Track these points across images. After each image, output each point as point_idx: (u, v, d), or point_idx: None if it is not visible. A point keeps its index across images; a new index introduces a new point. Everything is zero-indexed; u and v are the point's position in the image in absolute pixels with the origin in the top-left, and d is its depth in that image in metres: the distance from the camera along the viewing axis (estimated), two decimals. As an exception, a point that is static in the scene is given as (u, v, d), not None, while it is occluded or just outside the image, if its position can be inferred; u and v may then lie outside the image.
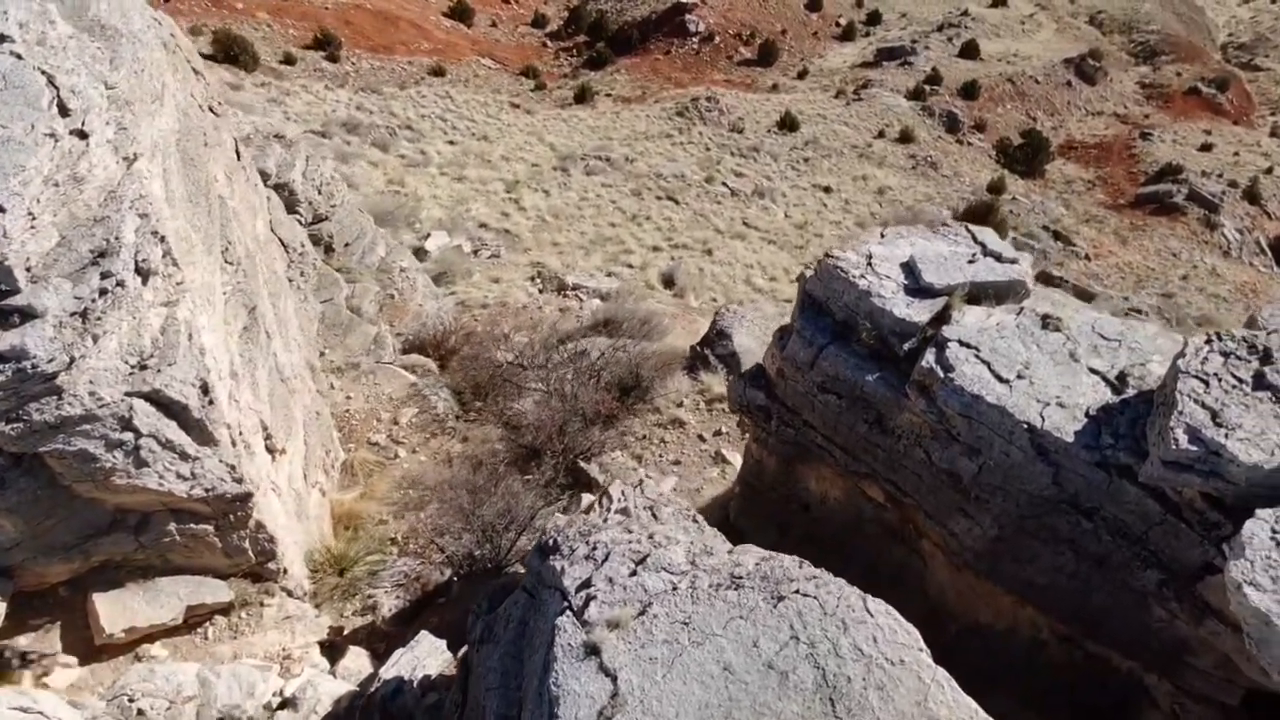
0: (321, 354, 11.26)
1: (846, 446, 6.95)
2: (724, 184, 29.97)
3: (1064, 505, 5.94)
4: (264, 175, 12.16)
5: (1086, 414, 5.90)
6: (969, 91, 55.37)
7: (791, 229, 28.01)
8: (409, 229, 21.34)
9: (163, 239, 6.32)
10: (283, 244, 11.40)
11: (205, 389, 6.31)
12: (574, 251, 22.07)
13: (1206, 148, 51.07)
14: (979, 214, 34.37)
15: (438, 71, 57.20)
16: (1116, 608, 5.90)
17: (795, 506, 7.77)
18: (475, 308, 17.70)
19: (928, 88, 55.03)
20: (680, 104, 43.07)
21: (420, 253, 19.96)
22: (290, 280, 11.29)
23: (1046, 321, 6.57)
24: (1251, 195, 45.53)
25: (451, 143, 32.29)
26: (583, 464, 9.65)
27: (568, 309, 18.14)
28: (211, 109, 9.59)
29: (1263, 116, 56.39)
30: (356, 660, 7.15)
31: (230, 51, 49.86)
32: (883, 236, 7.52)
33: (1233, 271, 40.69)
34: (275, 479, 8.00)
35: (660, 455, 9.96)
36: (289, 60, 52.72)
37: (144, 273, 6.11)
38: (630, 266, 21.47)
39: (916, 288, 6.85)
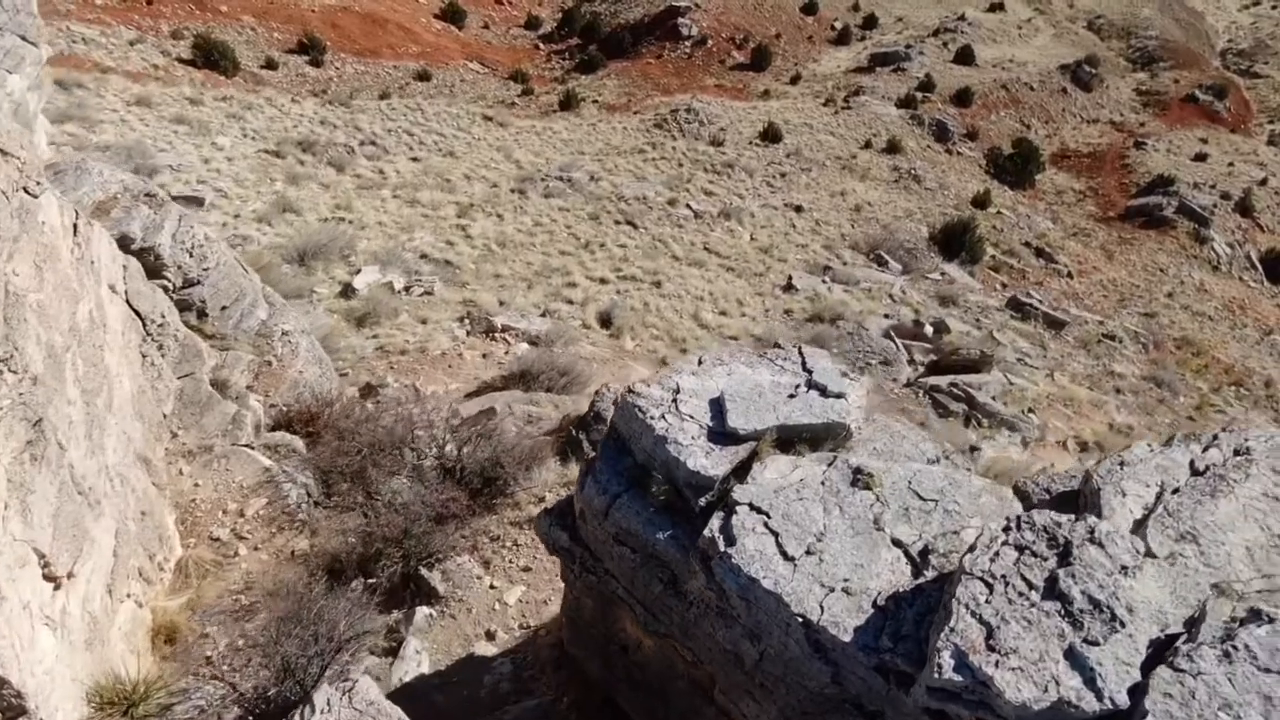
0: (174, 435, 10.62)
1: (645, 603, 6.29)
2: (688, 205, 29.22)
3: (848, 705, 5.27)
4: (127, 240, 11.48)
5: (874, 603, 5.21)
6: (962, 98, 54.49)
7: (754, 254, 27.25)
8: (342, 262, 20.73)
9: None
10: (140, 316, 10.76)
11: (-90, 552, 5.68)
12: (516, 285, 21.40)
13: (1201, 157, 50.06)
14: (955, 232, 33.62)
15: (423, 76, 56.63)
16: (908, 823, 5.23)
17: (615, 647, 7.12)
18: (395, 354, 17.09)
19: (920, 95, 54.17)
20: (659, 115, 42.35)
21: (349, 290, 19.37)
22: (145, 356, 10.64)
23: (858, 477, 5.87)
24: (1244, 207, 44.56)
25: (415, 159, 31.64)
26: (425, 571, 8.99)
27: (491, 354, 17.49)
28: (26, 190, 8.93)
29: (1260, 124, 55.29)
30: (113, 828, 6.52)
31: (210, 56, 49.42)
32: (700, 364, 6.81)
33: (1221, 287, 39.79)
34: (55, 610, 7.36)
35: (511, 560, 9.28)
36: (271, 65, 52.23)
37: None
38: (571, 302, 20.78)
39: (721, 431, 6.17)
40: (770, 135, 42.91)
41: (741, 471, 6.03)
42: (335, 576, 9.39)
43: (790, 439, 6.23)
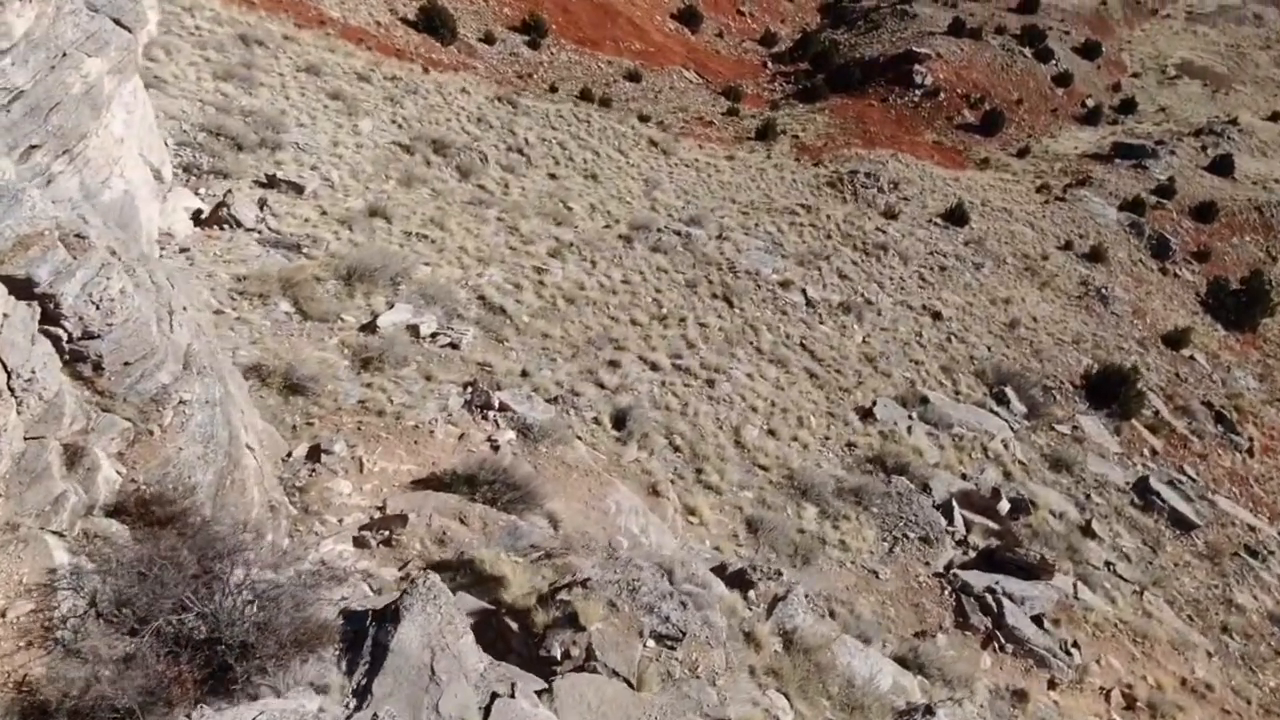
0: (-10, 503, 10.13)
1: None
2: (804, 290, 26.97)
3: None
4: (31, 283, 11.06)
5: None
6: (1203, 213, 48.71)
7: (855, 362, 24.80)
8: (389, 289, 20.15)
9: None
10: (5, 369, 10.33)
11: None
12: (559, 352, 20.18)
13: None
14: (1111, 380, 29.66)
15: (633, 76, 56.35)
16: None
17: None
18: (371, 413, 16.31)
19: (1153, 199, 48.84)
20: (838, 172, 39.86)
21: (373, 324, 18.79)
22: (-12, 411, 10.22)
23: None
24: None
25: (553, 176, 30.94)
26: (105, 764, 8.01)
27: (469, 436, 16.37)
28: None
29: None
30: None
31: (431, 22, 50.96)
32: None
33: None
34: None
35: (202, 775, 8.16)
36: (488, 39, 53.27)
37: None
38: (602, 387, 19.32)
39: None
40: (955, 216, 39.60)
41: None
42: (41, 723, 8.59)
43: None
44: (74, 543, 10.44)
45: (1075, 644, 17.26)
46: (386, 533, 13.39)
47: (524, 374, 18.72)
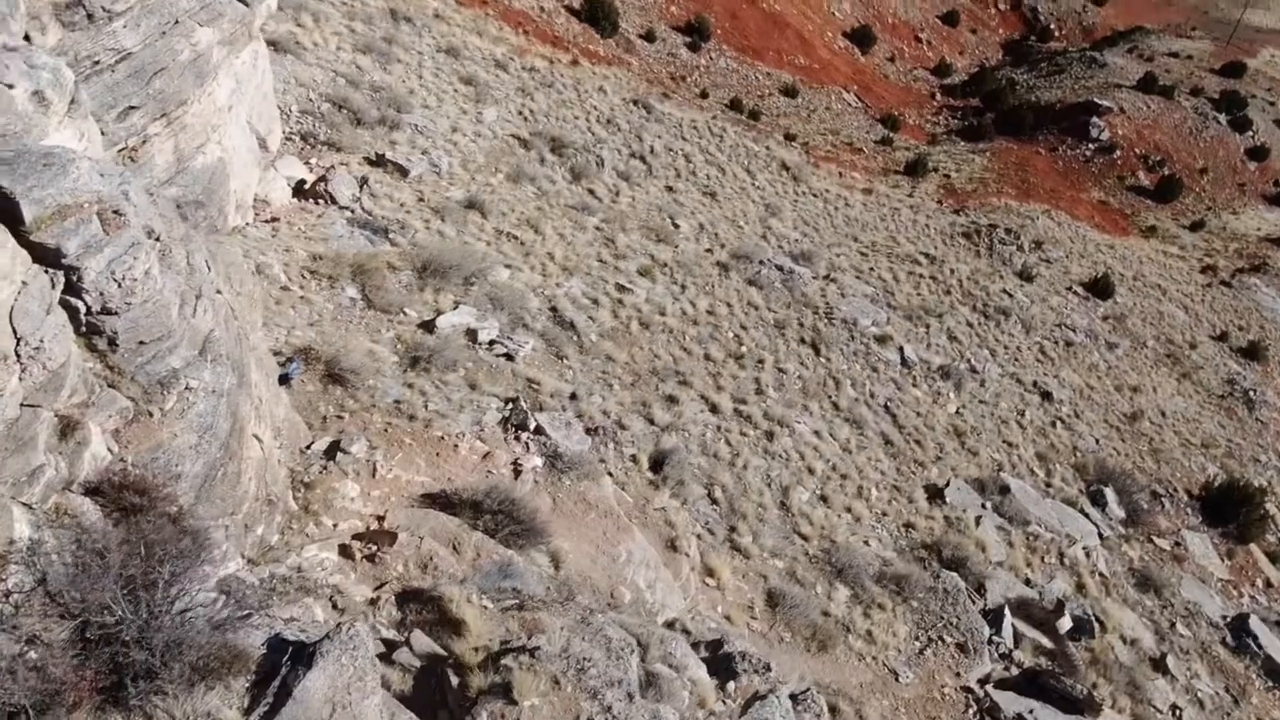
0: (-29, 465, 10.32)
1: None
2: (901, 348, 25.53)
3: None
4: (59, 254, 11.27)
5: None
6: (1390, 322, 44.02)
7: (942, 434, 23.26)
8: (461, 288, 19.98)
9: None
10: (16, 336, 10.54)
11: None
12: (618, 378, 19.60)
13: None
14: (1235, 497, 26.99)
15: (789, 91, 55.20)
16: None
17: None
18: (403, 416, 16.13)
19: (1333, 299, 44.50)
20: (976, 224, 37.78)
21: (432, 324, 18.66)
22: (-9, 376, 10.42)
23: None
24: None
25: (669, 188, 30.34)
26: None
27: (493, 457, 16.00)
28: None
29: None
30: None
31: (594, 13, 51.06)
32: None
33: None
34: None
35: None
36: (649, 37, 53.03)
37: None
38: (652, 423, 18.66)
39: None
40: (1099, 287, 37.01)
41: None
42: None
43: None
44: (42, 517, 10.50)
45: (1108, 797, 15.65)
46: (374, 547, 13.12)
47: (573, 397, 18.23)
